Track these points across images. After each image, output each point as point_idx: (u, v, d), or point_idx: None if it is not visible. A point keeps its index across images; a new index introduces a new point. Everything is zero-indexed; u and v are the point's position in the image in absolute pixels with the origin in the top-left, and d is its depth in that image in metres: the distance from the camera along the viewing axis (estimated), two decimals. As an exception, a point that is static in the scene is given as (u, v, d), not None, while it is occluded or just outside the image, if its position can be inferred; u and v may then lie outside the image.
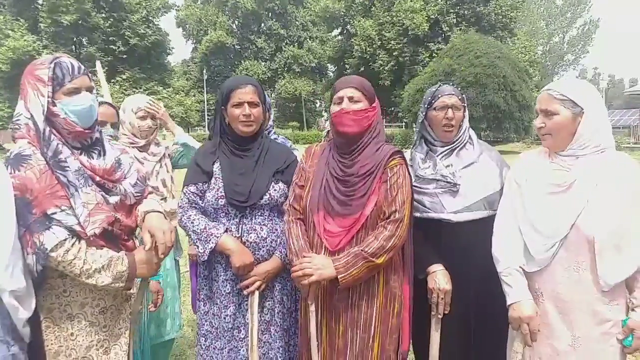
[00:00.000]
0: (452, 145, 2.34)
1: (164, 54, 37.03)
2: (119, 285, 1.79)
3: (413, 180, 2.29)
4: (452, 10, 30.32)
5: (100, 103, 2.54)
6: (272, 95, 46.89)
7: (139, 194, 1.95)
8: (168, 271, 2.90)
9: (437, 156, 2.34)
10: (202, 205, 2.23)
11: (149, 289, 2.61)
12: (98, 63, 3.67)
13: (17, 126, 1.76)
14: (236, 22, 49.99)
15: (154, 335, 2.81)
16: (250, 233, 2.18)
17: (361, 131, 2.06)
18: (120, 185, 1.88)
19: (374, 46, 30.66)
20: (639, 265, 1.81)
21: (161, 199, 2.76)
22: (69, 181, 1.71)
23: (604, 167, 1.85)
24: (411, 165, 2.36)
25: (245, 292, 2.17)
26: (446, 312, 2.19)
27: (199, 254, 2.14)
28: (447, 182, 2.26)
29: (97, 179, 1.80)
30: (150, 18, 35.02)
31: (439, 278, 2.18)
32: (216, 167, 2.23)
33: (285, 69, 47.75)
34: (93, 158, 1.82)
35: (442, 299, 2.17)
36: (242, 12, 47.52)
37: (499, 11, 30.43)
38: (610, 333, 1.85)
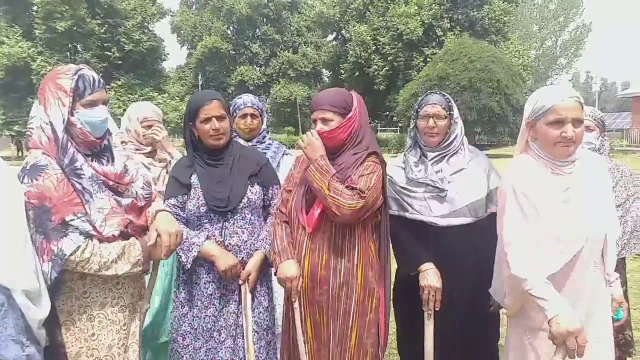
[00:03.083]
0: (443, 152, 2.44)
1: (159, 60, 37.00)
2: (137, 270, 1.88)
3: (405, 182, 2.43)
4: (445, 15, 30.50)
5: None
6: (267, 100, 46.88)
7: (148, 196, 2.04)
8: (166, 273, 2.95)
9: (429, 161, 2.44)
10: (184, 216, 2.33)
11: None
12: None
13: (29, 131, 1.84)
14: (231, 27, 50.00)
15: (151, 337, 2.85)
16: (233, 236, 2.30)
17: (340, 144, 2.20)
18: (131, 187, 1.97)
19: (368, 51, 30.80)
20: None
21: None
22: (84, 188, 1.80)
23: (590, 167, 1.94)
24: (403, 168, 2.49)
25: (242, 287, 2.29)
26: (437, 308, 2.28)
27: (183, 263, 2.25)
28: (435, 187, 2.36)
29: (111, 183, 1.89)
30: (145, 24, 34.95)
31: (430, 276, 2.28)
32: (194, 179, 2.33)
33: (280, 74, 47.78)
34: (103, 164, 1.90)
35: (433, 295, 2.27)
36: (237, 18, 47.55)
37: (492, 15, 30.65)
38: (607, 312, 1.99)
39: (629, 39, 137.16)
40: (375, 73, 30.61)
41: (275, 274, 2.25)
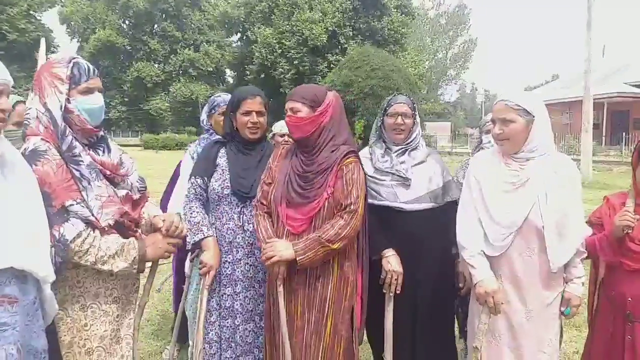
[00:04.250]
0: (405, 146, 2.72)
1: (47, 52, 34.33)
2: (133, 269, 1.91)
3: (372, 172, 2.64)
4: (348, 24, 31.44)
5: (18, 102, 2.62)
6: (167, 98, 45.22)
7: (143, 188, 2.08)
8: None
9: (394, 153, 2.70)
10: (206, 196, 2.50)
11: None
12: (43, 41, 3.60)
13: (27, 120, 1.83)
14: (127, 21, 47.61)
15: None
16: (251, 223, 2.44)
17: (306, 136, 2.30)
18: (127, 179, 1.99)
19: (274, 54, 30.88)
20: (577, 248, 2.23)
21: None
22: (82, 175, 1.80)
23: (549, 168, 2.20)
24: (370, 159, 2.72)
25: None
26: (398, 292, 2.50)
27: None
28: (401, 176, 2.63)
29: (108, 173, 1.90)
30: (32, 12, 32.38)
31: (392, 261, 2.50)
32: (222, 161, 2.51)
33: (181, 72, 46.35)
34: (99, 154, 1.92)
35: (396, 279, 2.49)
36: (133, 12, 45.31)
37: (391, 27, 32.11)
38: (552, 304, 2.25)
39: (508, 55, 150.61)
40: (282, 76, 30.77)
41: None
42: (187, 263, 3.16)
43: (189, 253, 2.63)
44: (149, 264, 2.03)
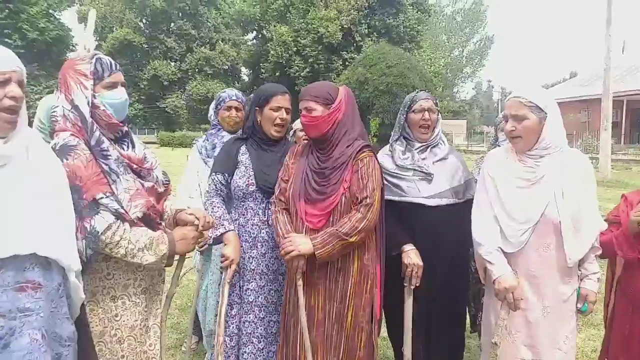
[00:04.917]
0: (427, 143, 2.75)
1: (66, 50, 34.72)
2: (162, 264, 1.95)
3: (394, 168, 2.67)
4: (363, 21, 31.35)
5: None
6: (183, 96, 45.53)
7: (167, 182, 2.13)
8: None
9: (415, 150, 2.73)
10: (227, 192, 2.56)
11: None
12: (93, 11, 3.66)
13: (54, 118, 1.88)
14: (144, 20, 48.00)
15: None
16: None
17: (322, 134, 2.34)
18: (153, 172, 2.04)
19: (289, 52, 30.91)
20: (592, 243, 2.23)
21: None
22: (111, 169, 1.85)
23: (563, 163, 2.21)
24: (392, 156, 2.75)
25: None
26: (417, 284, 2.53)
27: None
28: (423, 171, 2.65)
29: (134, 166, 1.95)
30: (51, 12, 32.75)
31: (412, 255, 2.53)
32: (244, 158, 2.54)
33: (197, 70, 46.58)
34: (124, 149, 1.97)
35: (416, 272, 2.51)
36: (150, 11, 45.69)
37: (407, 24, 31.94)
38: (569, 300, 2.26)
39: (525, 52, 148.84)
40: (297, 74, 30.79)
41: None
42: (197, 258, 3.22)
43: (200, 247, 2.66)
44: (176, 257, 2.08)
